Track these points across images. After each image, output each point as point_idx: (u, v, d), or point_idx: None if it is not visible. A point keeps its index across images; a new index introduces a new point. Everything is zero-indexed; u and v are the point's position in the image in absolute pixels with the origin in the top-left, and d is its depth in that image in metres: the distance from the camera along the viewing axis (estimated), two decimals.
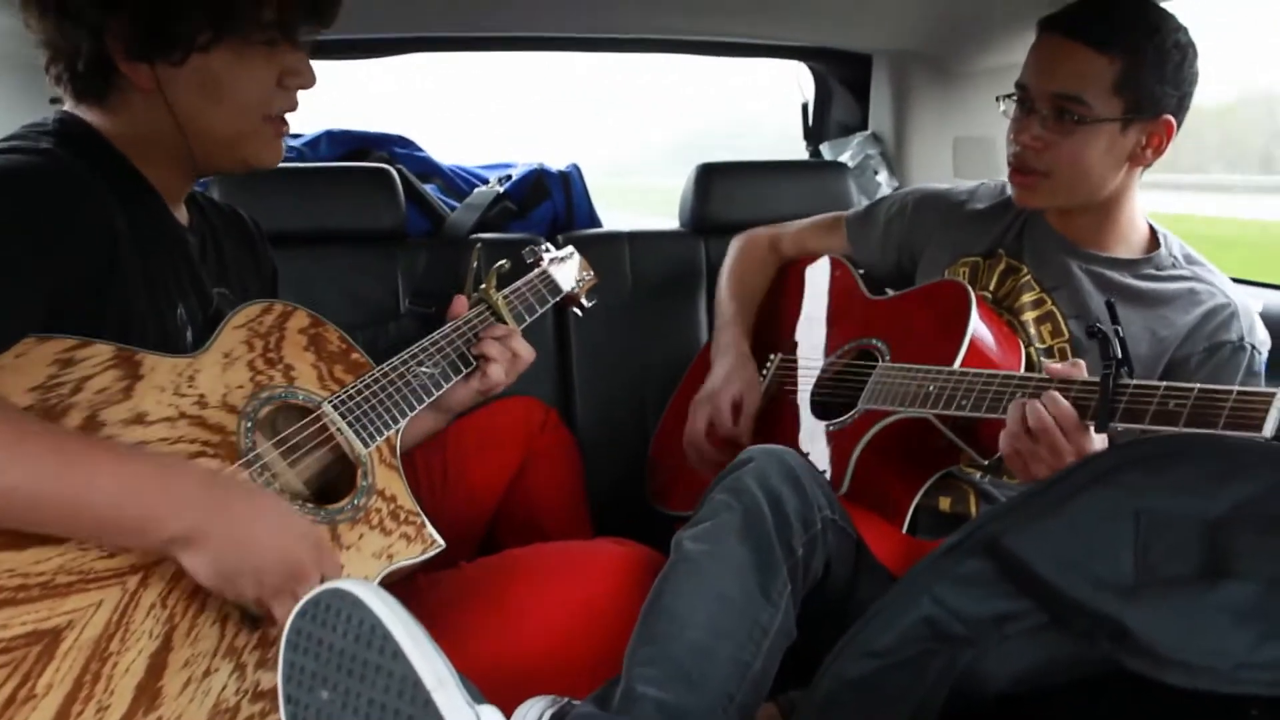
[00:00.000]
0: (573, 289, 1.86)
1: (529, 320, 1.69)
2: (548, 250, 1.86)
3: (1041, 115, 1.54)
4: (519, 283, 1.72)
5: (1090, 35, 1.49)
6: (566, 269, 1.87)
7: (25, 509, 0.97)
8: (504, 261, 1.65)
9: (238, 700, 1.07)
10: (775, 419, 1.83)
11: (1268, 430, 1.12)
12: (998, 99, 1.64)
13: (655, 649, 1.20)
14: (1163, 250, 1.63)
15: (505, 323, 1.61)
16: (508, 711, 1.08)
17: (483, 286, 1.63)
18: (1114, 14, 1.50)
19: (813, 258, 2.01)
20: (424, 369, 1.46)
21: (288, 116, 1.30)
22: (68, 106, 1.25)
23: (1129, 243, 1.65)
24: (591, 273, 1.96)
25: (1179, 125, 1.54)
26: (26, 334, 1.04)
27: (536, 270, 1.79)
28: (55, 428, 1.04)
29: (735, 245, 2.09)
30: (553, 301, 1.79)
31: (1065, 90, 1.51)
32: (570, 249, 1.94)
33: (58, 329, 1.08)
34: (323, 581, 1.11)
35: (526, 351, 1.60)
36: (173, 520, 1.03)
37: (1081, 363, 1.39)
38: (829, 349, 1.84)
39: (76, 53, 1.18)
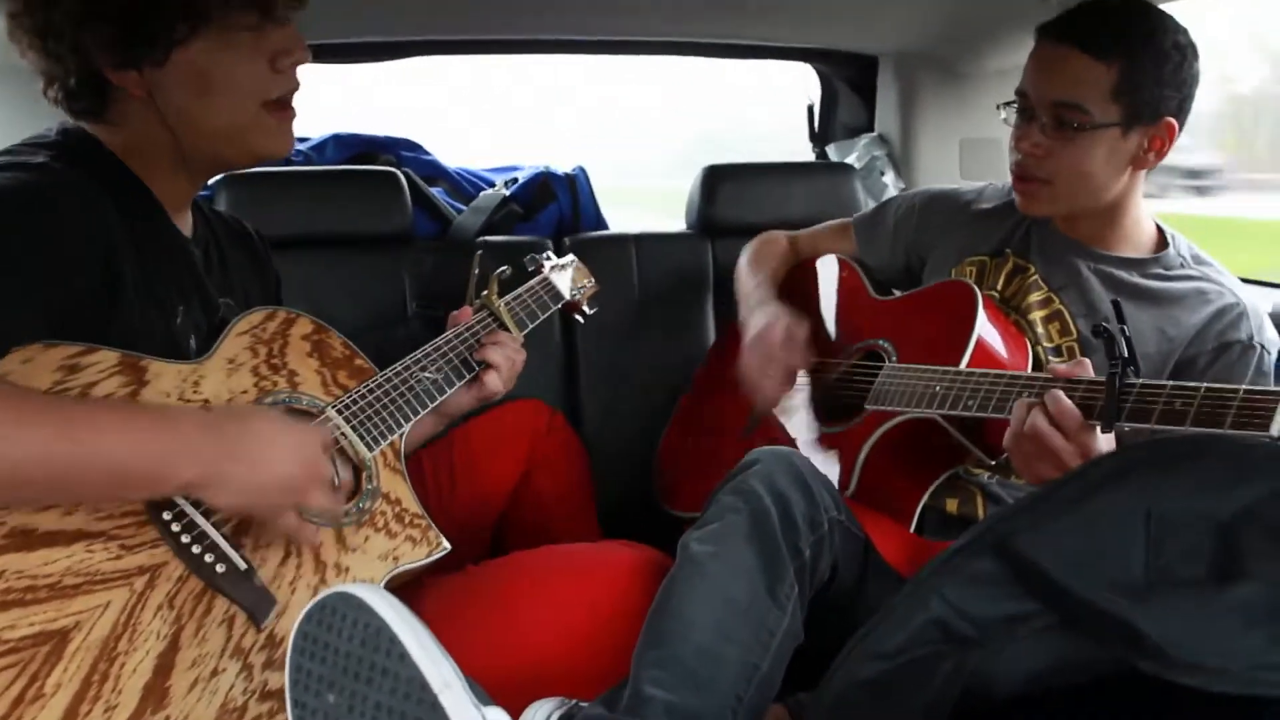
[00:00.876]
0: (574, 296, 1.87)
1: (530, 326, 1.69)
2: (549, 257, 1.86)
3: (1041, 123, 1.53)
4: (521, 289, 1.72)
5: (1086, 42, 1.48)
6: (567, 276, 1.87)
7: (39, 476, 0.97)
8: (505, 268, 1.66)
9: (245, 700, 1.08)
10: (781, 420, 1.82)
11: (1275, 429, 1.12)
12: (998, 107, 1.63)
13: (663, 651, 1.20)
14: (1171, 250, 1.62)
15: (508, 329, 1.62)
16: (515, 714, 1.07)
17: (484, 293, 1.64)
18: (1110, 20, 1.49)
19: None
20: (427, 374, 1.46)
21: (293, 102, 1.28)
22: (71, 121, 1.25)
23: (1136, 243, 1.64)
24: (592, 280, 1.96)
25: (1181, 126, 1.54)
26: (22, 344, 1.04)
27: (538, 277, 1.79)
28: (55, 396, 1.05)
29: (752, 243, 2.09)
30: (554, 308, 1.79)
31: (1064, 98, 1.50)
32: (571, 256, 1.94)
33: (63, 338, 1.08)
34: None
35: (522, 358, 1.62)
36: (182, 467, 1.05)
37: (1086, 361, 1.38)
38: (835, 350, 1.83)
39: (66, 72, 1.18)
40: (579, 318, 1.97)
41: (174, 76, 1.17)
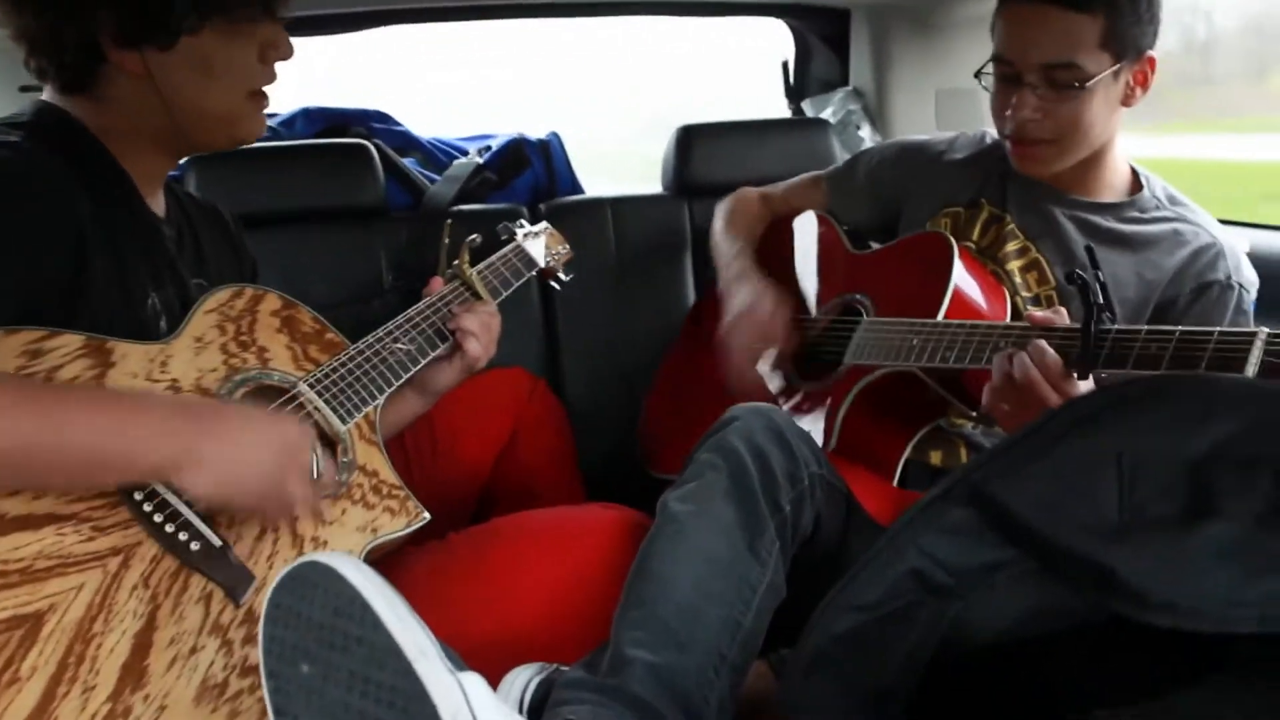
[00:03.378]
0: (548, 263, 1.86)
1: (504, 294, 1.68)
2: (521, 225, 1.85)
3: (1032, 85, 1.50)
4: (493, 257, 1.71)
5: None
6: (540, 243, 1.86)
7: (11, 461, 0.96)
8: (475, 236, 1.65)
9: (225, 675, 1.07)
10: (761, 377, 1.82)
11: (1250, 370, 1.12)
12: (976, 75, 1.60)
13: (643, 612, 1.20)
14: (1145, 192, 1.61)
15: (480, 297, 1.61)
16: (498, 679, 1.08)
17: (456, 262, 1.63)
18: None
19: (798, 215, 2.00)
20: (399, 345, 1.45)
21: (266, 89, 1.31)
22: (46, 97, 1.24)
23: (1112, 186, 1.63)
24: (567, 247, 1.95)
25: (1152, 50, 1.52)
26: None
27: (510, 245, 1.78)
28: (25, 380, 1.04)
29: (725, 203, 2.08)
30: (527, 275, 1.78)
31: (1055, 59, 1.47)
32: (544, 224, 1.93)
33: (33, 322, 1.07)
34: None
35: (497, 322, 1.60)
36: (155, 448, 1.04)
37: (1063, 310, 1.38)
38: (814, 305, 1.83)
39: (62, 45, 1.18)
40: (555, 284, 1.96)
41: (177, 60, 1.20)
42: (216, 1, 1.20)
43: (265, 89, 1.30)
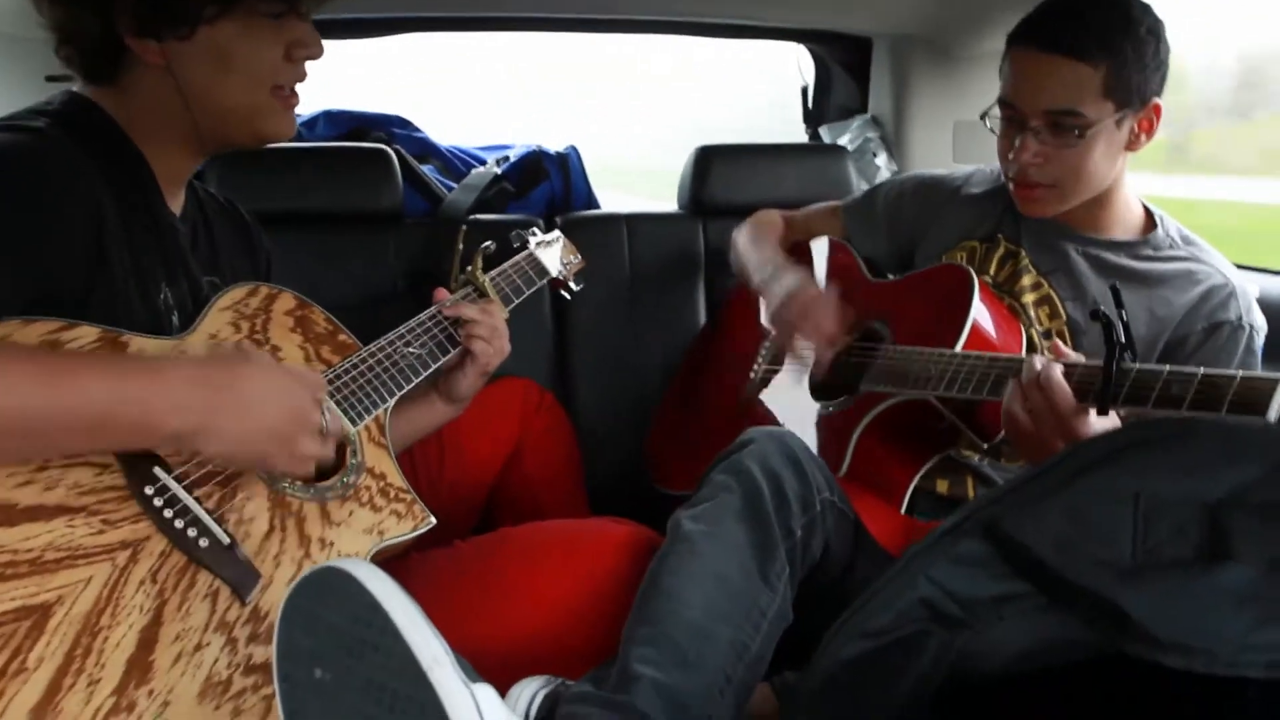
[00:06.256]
0: (560, 272, 1.86)
1: (516, 301, 1.68)
2: (534, 234, 1.85)
3: (1035, 130, 1.52)
4: (505, 265, 1.71)
5: (1070, 46, 1.47)
6: (553, 252, 1.86)
7: (25, 430, 0.96)
8: (489, 243, 1.65)
9: (229, 674, 1.07)
10: (774, 398, 1.82)
11: (1273, 414, 1.12)
12: (982, 117, 1.62)
13: (653, 629, 1.19)
14: (1159, 231, 1.62)
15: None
16: (502, 690, 1.07)
17: (469, 268, 1.63)
18: (1089, 20, 1.48)
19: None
20: (411, 349, 1.45)
21: (297, 88, 1.31)
22: (76, 88, 1.25)
23: (1125, 224, 1.64)
24: (579, 257, 1.95)
25: (1159, 97, 1.54)
26: (5, 315, 1.03)
27: (523, 253, 1.78)
28: (36, 349, 1.03)
29: (749, 220, 2.09)
30: (539, 283, 1.78)
31: (1058, 106, 1.49)
32: (557, 233, 1.93)
33: (45, 309, 1.07)
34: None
35: (500, 318, 1.59)
36: (169, 418, 1.03)
37: (1080, 356, 1.38)
38: None
39: (85, 34, 1.18)
40: (565, 294, 1.96)
41: (195, 52, 1.20)
42: None
43: (296, 87, 1.30)
